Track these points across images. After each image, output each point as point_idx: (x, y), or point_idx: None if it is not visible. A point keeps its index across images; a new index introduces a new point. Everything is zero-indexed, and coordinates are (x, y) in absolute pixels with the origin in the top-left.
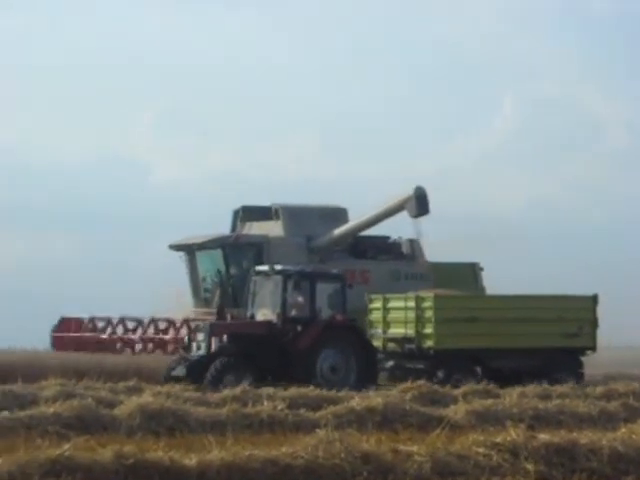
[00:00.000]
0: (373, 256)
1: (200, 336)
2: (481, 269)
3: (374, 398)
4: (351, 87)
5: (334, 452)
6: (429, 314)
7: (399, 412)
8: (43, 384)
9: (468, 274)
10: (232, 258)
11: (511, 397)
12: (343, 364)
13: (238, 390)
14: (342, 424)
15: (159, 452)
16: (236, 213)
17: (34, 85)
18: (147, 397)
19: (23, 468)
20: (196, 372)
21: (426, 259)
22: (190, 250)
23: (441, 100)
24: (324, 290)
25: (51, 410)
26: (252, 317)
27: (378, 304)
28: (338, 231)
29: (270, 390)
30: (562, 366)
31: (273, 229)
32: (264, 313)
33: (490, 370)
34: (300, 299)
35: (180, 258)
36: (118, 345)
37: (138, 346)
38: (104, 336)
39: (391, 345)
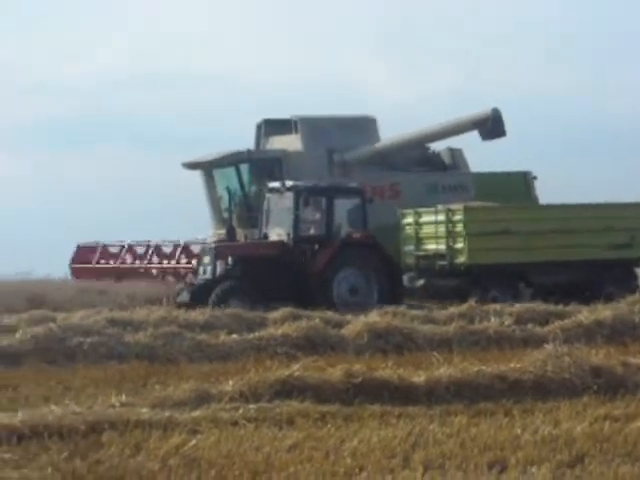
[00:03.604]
0: (405, 167)
1: (206, 259)
2: (534, 178)
3: (602, 311)
4: None
5: (563, 366)
6: (460, 228)
7: (628, 325)
8: (271, 306)
9: (518, 184)
10: (248, 175)
11: None
12: (363, 285)
13: (464, 307)
14: (570, 338)
15: (387, 370)
16: (259, 127)
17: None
18: (374, 316)
19: (254, 388)
20: (200, 297)
21: (469, 169)
22: (206, 168)
23: None
24: (343, 206)
25: (280, 332)
26: (265, 237)
27: (410, 219)
28: (381, 144)
29: (497, 306)
30: (613, 279)
31: (292, 143)
32: (278, 233)
33: (532, 286)
34: (315, 216)
35: (201, 178)
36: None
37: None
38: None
39: (424, 262)
